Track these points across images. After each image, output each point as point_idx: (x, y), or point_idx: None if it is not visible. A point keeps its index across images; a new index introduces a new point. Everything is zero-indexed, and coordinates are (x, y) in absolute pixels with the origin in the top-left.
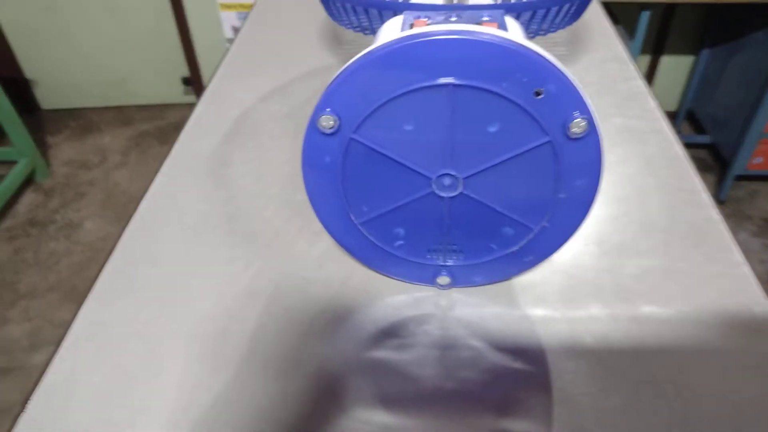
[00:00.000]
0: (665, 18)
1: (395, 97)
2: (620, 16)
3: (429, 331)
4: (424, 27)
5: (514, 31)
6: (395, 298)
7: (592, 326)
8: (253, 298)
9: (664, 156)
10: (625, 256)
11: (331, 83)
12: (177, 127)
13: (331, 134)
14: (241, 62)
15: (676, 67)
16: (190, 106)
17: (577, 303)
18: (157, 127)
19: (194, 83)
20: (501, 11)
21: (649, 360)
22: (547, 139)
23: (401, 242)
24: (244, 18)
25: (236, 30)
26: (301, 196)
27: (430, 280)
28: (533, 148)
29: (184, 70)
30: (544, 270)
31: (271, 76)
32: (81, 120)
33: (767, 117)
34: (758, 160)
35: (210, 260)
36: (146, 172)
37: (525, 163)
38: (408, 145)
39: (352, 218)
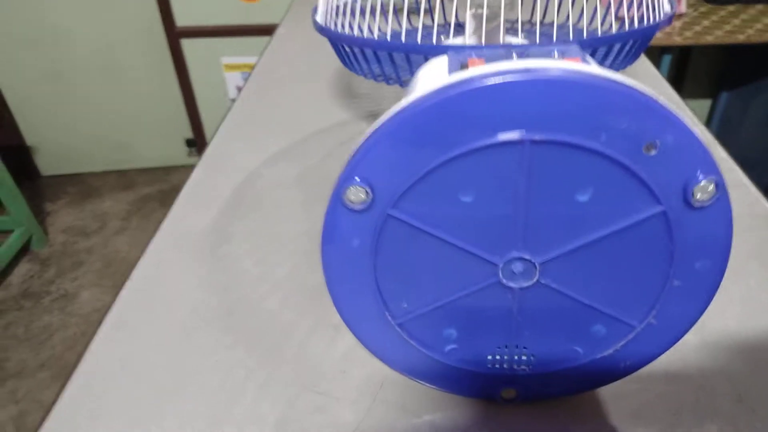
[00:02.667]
0: (681, 61)
1: (448, 161)
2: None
3: None
4: (482, 67)
5: (600, 69)
6: (445, 417)
7: None
8: (260, 425)
9: (753, 214)
10: (735, 347)
11: (361, 145)
12: (180, 190)
13: (362, 211)
14: (243, 121)
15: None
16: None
17: (687, 419)
18: (159, 190)
19: (198, 145)
20: (576, 47)
21: None
22: (660, 209)
23: (453, 346)
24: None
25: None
26: (316, 278)
27: (491, 394)
28: (640, 222)
29: (188, 132)
30: (638, 373)
31: (278, 136)
32: (81, 185)
33: None
34: None
35: (201, 370)
36: (147, 238)
37: (627, 241)
38: (466, 221)
39: (388, 318)
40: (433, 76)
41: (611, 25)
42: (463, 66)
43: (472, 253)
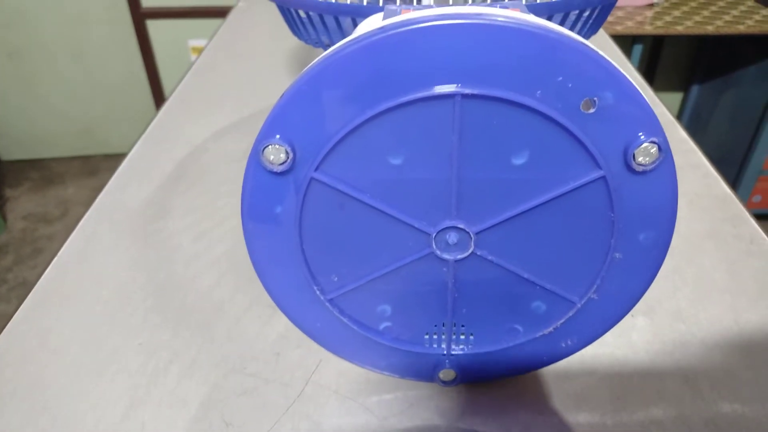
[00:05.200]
0: (653, 53)
1: (374, 117)
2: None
3: None
4: (409, 14)
5: (537, 19)
6: (380, 401)
7: None
8: (180, 408)
9: (709, 195)
10: (685, 329)
11: (281, 99)
12: None
13: (283, 173)
14: (193, 95)
15: (664, 104)
16: None
17: (632, 402)
18: None
19: None
20: (519, 3)
21: None
22: (599, 173)
23: (388, 323)
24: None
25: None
26: None
27: (430, 375)
28: (579, 188)
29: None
30: (582, 355)
31: (228, 111)
32: (43, 171)
33: (765, 154)
34: (757, 198)
35: (123, 351)
36: None
37: (566, 209)
38: (395, 186)
39: (317, 293)
40: (362, 28)
41: None
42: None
43: (402, 221)
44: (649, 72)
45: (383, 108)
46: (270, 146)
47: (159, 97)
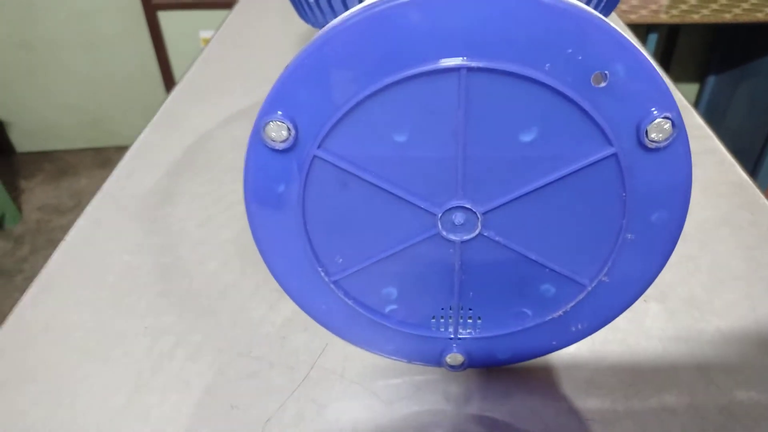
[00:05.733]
0: (668, 43)
1: (377, 92)
2: None
3: None
4: None
5: None
6: (386, 386)
7: (670, 425)
8: (184, 393)
9: (726, 182)
10: (699, 316)
11: (282, 74)
12: None
13: (285, 150)
14: (201, 83)
15: (681, 93)
16: None
17: (643, 389)
18: None
19: None
20: None
21: None
22: (611, 150)
23: (394, 306)
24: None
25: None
26: None
27: (437, 359)
28: (589, 165)
29: None
30: (593, 340)
31: (237, 98)
32: (57, 162)
33: None
34: None
35: (129, 335)
36: None
37: (576, 188)
38: (400, 164)
39: (322, 275)
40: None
41: None
42: None
43: (407, 201)
44: (664, 61)
45: (386, 83)
46: (272, 123)
47: (171, 88)
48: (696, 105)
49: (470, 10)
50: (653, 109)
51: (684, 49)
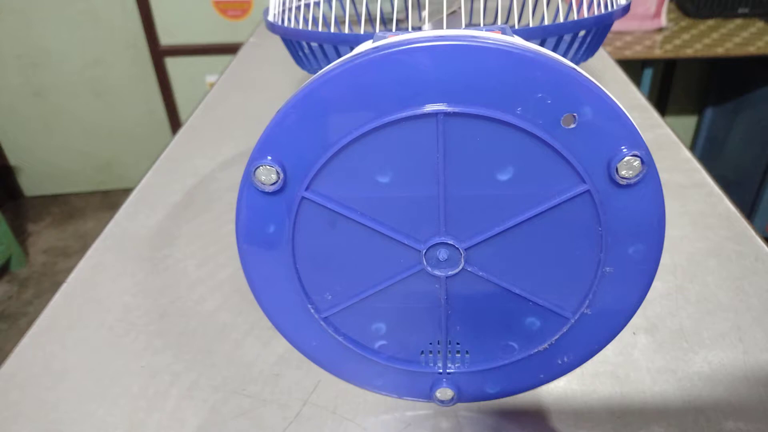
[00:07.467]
0: (666, 78)
1: (361, 136)
2: None
3: None
4: (394, 38)
5: (516, 39)
6: (377, 422)
7: None
8: (179, 431)
9: (714, 214)
10: (688, 347)
11: (271, 121)
12: None
13: (274, 193)
14: (204, 126)
15: (679, 127)
16: None
17: (633, 421)
18: None
19: None
20: (506, 27)
21: None
22: (584, 187)
23: (383, 342)
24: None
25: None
26: None
27: (426, 394)
28: (565, 202)
29: None
30: (582, 373)
31: (238, 141)
32: (65, 206)
33: None
34: None
35: (125, 375)
36: None
37: (553, 224)
38: (384, 204)
39: (312, 312)
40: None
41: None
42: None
43: (393, 238)
44: (662, 96)
45: (369, 128)
46: (261, 167)
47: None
48: (695, 137)
49: (442, 60)
50: (623, 147)
51: (681, 82)
